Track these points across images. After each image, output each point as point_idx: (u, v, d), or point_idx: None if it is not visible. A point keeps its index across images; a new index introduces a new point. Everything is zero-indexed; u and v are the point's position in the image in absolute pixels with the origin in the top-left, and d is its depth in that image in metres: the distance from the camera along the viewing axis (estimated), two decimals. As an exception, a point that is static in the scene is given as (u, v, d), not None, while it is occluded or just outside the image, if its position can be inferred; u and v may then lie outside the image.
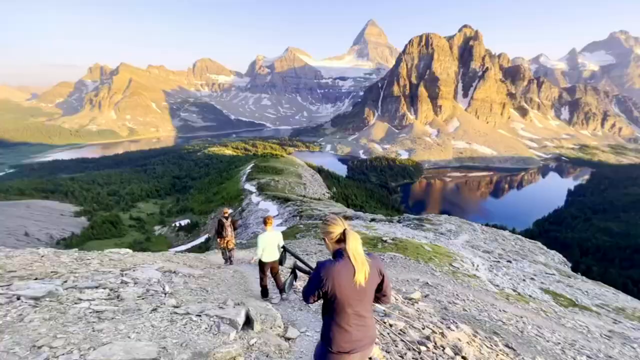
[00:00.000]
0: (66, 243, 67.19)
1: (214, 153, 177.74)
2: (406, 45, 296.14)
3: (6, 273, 4.75)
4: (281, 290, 6.80)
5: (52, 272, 5.38)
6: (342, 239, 2.42)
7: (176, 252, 13.92)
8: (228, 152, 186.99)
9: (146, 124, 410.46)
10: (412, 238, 18.40)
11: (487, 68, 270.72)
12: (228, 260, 11.08)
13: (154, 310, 3.84)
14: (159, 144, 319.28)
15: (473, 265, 11.12)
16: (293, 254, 4.03)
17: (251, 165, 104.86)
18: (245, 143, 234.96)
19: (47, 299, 3.80)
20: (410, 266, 9.66)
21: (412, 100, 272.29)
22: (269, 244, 6.63)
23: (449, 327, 5.00)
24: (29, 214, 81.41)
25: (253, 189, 72.56)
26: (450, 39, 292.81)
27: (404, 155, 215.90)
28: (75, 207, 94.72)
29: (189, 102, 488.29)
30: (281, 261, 5.29)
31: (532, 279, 14.88)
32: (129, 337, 3.16)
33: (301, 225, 29.96)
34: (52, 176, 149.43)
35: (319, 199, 63.22)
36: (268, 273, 6.76)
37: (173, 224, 76.48)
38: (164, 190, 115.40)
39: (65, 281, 4.68)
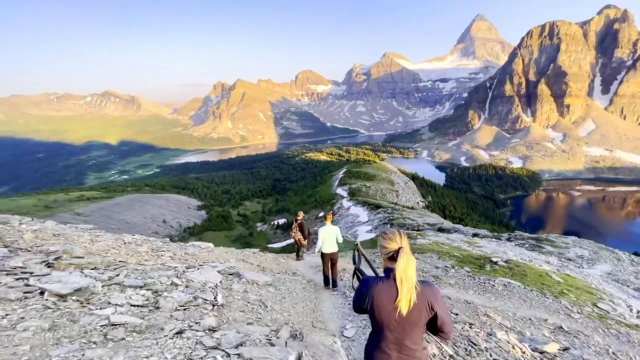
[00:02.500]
0: (190, 231, 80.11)
1: (310, 158, 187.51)
2: (523, 38, 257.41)
3: (71, 258, 4.63)
4: (334, 281, 7.76)
5: (120, 261, 5.46)
6: (395, 257, 2.21)
7: (260, 250, 13.84)
8: (323, 157, 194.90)
9: (254, 132, 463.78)
10: (529, 262, 15.25)
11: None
12: (297, 255, 11.82)
13: (179, 333, 3.17)
14: (264, 149, 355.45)
15: (631, 310, 8.20)
16: (364, 256, 3.62)
17: (343, 171, 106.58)
18: (339, 149, 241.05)
19: (74, 297, 3.50)
20: (533, 300, 7.63)
21: (529, 100, 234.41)
22: (328, 237, 7.62)
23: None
24: (167, 205, 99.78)
25: (344, 193, 73.31)
26: (584, 24, 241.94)
27: (517, 164, 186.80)
28: (198, 202, 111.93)
29: (290, 111, 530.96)
30: (354, 260, 5.61)
31: None
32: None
33: (392, 235, 28.46)
34: (183, 175, 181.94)
35: (412, 208, 59.68)
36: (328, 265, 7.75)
37: (272, 222, 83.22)
38: (266, 191, 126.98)
39: (117, 275, 4.49)
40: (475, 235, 29.25)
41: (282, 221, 79.99)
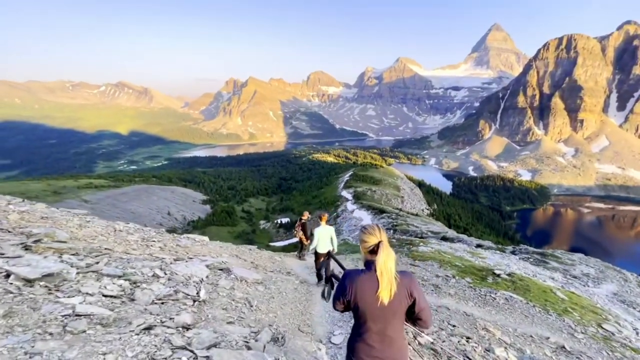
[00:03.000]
0: (194, 225, 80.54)
1: (317, 159, 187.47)
2: (539, 50, 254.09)
3: (52, 242, 4.43)
4: (327, 279, 7.80)
5: (106, 249, 5.29)
6: (375, 251, 2.34)
7: (258, 248, 13.67)
8: (330, 159, 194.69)
9: (263, 130, 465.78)
10: (533, 276, 14.83)
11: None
12: (299, 254, 11.90)
13: (148, 329, 2.93)
14: (272, 147, 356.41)
15: (637, 333, 7.81)
16: (337, 261, 3.91)
17: (350, 174, 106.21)
18: (347, 152, 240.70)
19: (42, 283, 3.25)
20: (535, 316, 7.28)
21: (542, 112, 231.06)
22: (322, 237, 7.88)
23: None
24: (172, 197, 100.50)
25: (349, 196, 72.98)
26: (603, 39, 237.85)
27: (526, 176, 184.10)
28: (203, 196, 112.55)
29: (300, 111, 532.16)
30: (325, 269, 7.25)
31: None
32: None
33: (394, 240, 28.09)
34: (191, 169, 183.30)
35: (417, 215, 59.06)
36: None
37: (275, 221, 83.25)
38: (271, 189, 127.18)
39: (97, 262, 4.26)
40: (479, 246, 28.72)
41: (285, 220, 79.92)
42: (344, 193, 78.17)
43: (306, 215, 11.25)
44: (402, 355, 2.33)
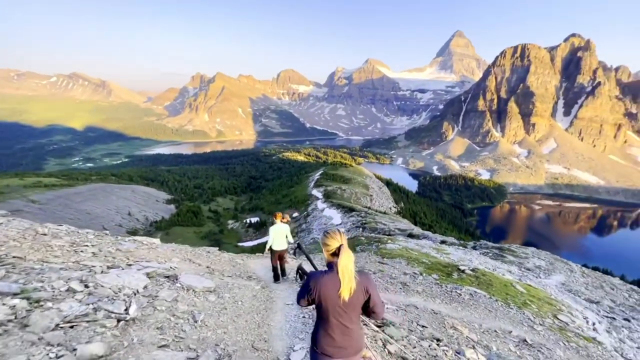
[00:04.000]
0: (157, 225, 76.59)
1: (288, 158, 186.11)
2: (497, 57, 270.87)
3: None
4: (283, 270, 8.30)
5: (15, 257, 4.47)
6: (337, 253, 2.62)
7: (219, 249, 12.55)
8: (300, 158, 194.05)
9: (232, 127, 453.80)
10: (493, 270, 15.48)
11: (598, 83, 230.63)
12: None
13: None
14: (240, 145, 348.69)
15: (587, 321, 8.30)
16: (305, 255, 4.01)
17: (320, 172, 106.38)
18: (317, 150, 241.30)
19: None
20: (498, 310, 7.46)
21: (500, 116, 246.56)
22: (278, 235, 7.97)
23: None
24: (133, 196, 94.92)
25: (319, 195, 73.05)
26: (552, 49, 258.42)
27: (485, 176, 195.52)
28: (167, 195, 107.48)
29: (270, 109, 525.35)
30: (294, 252, 8.10)
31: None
32: None
33: (363, 238, 28.31)
34: (154, 167, 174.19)
35: (385, 213, 60.36)
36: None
37: (244, 220, 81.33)
38: (240, 188, 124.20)
39: None
40: (443, 242, 29.77)
41: (255, 220, 78.34)
42: (315, 192, 78.14)
43: (286, 219, 10.40)
44: (359, 342, 2.66)
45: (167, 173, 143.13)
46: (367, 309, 2.66)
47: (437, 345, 4.39)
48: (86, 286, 4.01)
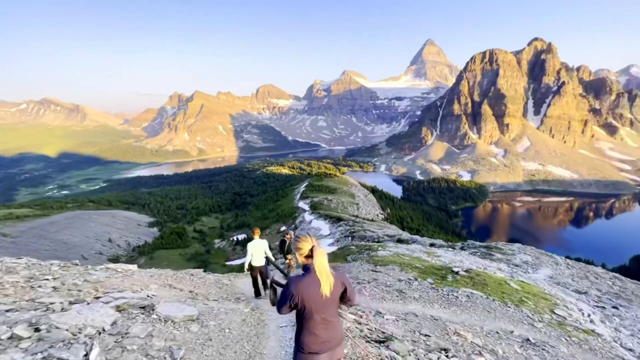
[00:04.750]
0: (140, 250, 73.86)
1: (272, 172, 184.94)
2: (468, 63, 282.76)
3: None
4: (265, 285, 8.30)
5: None
6: (311, 255, 2.81)
7: (204, 271, 11.85)
8: (284, 171, 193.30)
9: (213, 145, 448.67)
10: (484, 270, 15.59)
11: (563, 82, 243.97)
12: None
13: None
14: (223, 162, 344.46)
15: (582, 314, 8.38)
16: (276, 266, 4.59)
17: (305, 184, 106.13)
18: (301, 163, 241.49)
19: None
20: (496, 310, 7.41)
21: (475, 118, 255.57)
22: (256, 251, 8.09)
23: None
24: (113, 222, 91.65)
25: (306, 207, 72.66)
26: (518, 53, 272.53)
27: (466, 177, 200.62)
28: (149, 218, 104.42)
29: (251, 124, 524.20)
30: (266, 273, 7.40)
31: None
32: None
33: (353, 247, 28.14)
34: (134, 190, 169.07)
35: (372, 220, 60.55)
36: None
37: (231, 238, 79.54)
38: (224, 206, 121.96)
39: None
40: (432, 245, 29.99)
41: (242, 237, 76.77)
42: (301, 204, 77.69)
43: (290, 235, 10.69)
44: (340, 334, 2.90)
45: (148, 195, 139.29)
46: (344, 299, 2.90)
47: (446, 356, 4.21)
48: (37, 330, 3.44)
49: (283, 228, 63.97)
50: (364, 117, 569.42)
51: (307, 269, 2.79)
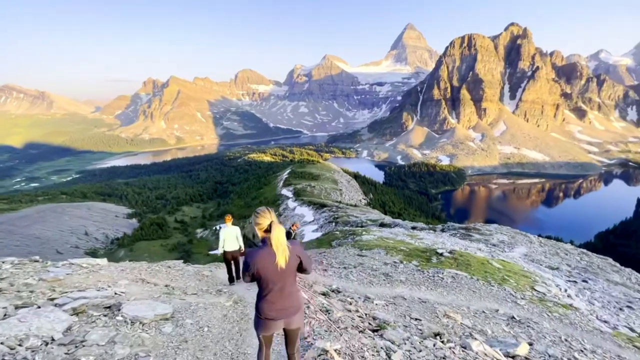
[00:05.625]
0: (119, 243, 71.83)
1: (254, 159, 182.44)
2: (447, 47, 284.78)
3: None
4: (238, 273, 8.35)
5: None
6: (269, 229, 3.00)
7: (184, 262, 11.25)
8: (266, 158, 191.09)
9: (192, 133, 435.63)
10: (465, 250, 16.02)
11: (537, 67, 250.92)
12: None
13: None
14: (203, 151, 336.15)
15: (560, 289, 8.77)
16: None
17: (288, 171, 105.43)
18: (283, 150, 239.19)
19: None
20: (481, 290, 7.59)
21: (454, 103, 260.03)
22: (229, 237, 8.27)
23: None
24: (89, 215, 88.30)
25: (289, 194, 72.35)
26: (495, 38, 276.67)
27: (445, 161, 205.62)
28: (128, 210, 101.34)
29: (231, 111, 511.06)
30: (236, 267, 8.02)
31: (629, 307, 11.88)
32: None
33: (337, 232, 28.32)
34: (110, 181, 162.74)
35: (355, 205, 61.14)
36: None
37: (214, 227, 78.49)
38: (206, 195, 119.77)
39: None
40: (414, 228, 30.62)
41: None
42: (284, 191, 77.29)
43: (297, 225, 10.62)
44: (298, 303, 3.13)
45: (125, 186, 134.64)
46: (301, 269, 3.13)
47: (441, 342, 4.17)
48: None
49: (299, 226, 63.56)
50: (346, 103, 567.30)
51: (265, 242, 2.97)
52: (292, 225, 10.67)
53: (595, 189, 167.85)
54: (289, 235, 9.88)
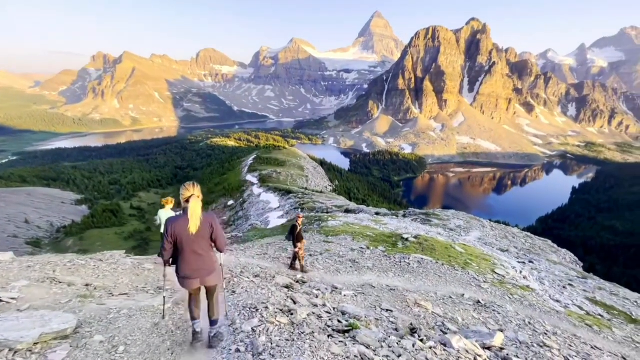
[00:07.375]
0: (66, 231, 65.97)
1: (217, 144, 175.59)
2: (412, 38, 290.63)
3: None
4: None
5: None
6: (189, 200, 3.48)
7: (125, 253, 9.42)
8: (231, 143, 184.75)
9: (149, 114, 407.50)
10: (427, 234, 16.54)
11: (494, 63, 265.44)
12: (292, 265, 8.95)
13: None
14: (161, 133, 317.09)
15: (516, 271, 9.26)
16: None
17: (253, 157, 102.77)
18: (248, 134, 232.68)
19: None
20: (447, 274, 7.70)
21: (417, 94, 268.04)
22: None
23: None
24: (30, 201, 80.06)
25: (255, 180, 70.67)
26: (457, 32, 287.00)
27: (408, 150, 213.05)
28: (76, 196, 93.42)
29: (192, 92, 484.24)
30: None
31: (570, 285, 13.01)
32: None
33: (303, 219, 28.08)
34: (55, 164, 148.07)
35: (321, 192, 61.31)
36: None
37: (175, 214, 74.90)
38: (165, 180, 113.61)
39: None
40: (377, 214, 31.26)
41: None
42: (249, 177, 75.35)
43: (300, 218, 8.86)
44: (211, 265, 3.61)
45: (73, 170, 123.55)
46: (215, 241, 3.62)
47: (421, 342, 3.88)
48: None
49: (231, 202, 61.75)
50: (313, 89, 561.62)
51: (185, 211, 3.48)
52: (298, 218, 8.87)
53: (538, 178, 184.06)
54: (294, 229, 8.94)
